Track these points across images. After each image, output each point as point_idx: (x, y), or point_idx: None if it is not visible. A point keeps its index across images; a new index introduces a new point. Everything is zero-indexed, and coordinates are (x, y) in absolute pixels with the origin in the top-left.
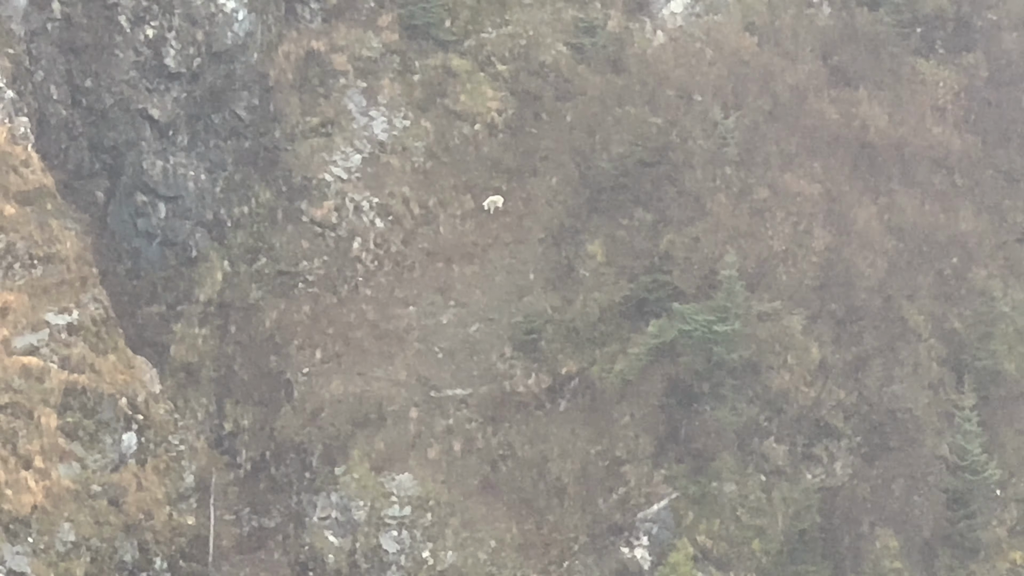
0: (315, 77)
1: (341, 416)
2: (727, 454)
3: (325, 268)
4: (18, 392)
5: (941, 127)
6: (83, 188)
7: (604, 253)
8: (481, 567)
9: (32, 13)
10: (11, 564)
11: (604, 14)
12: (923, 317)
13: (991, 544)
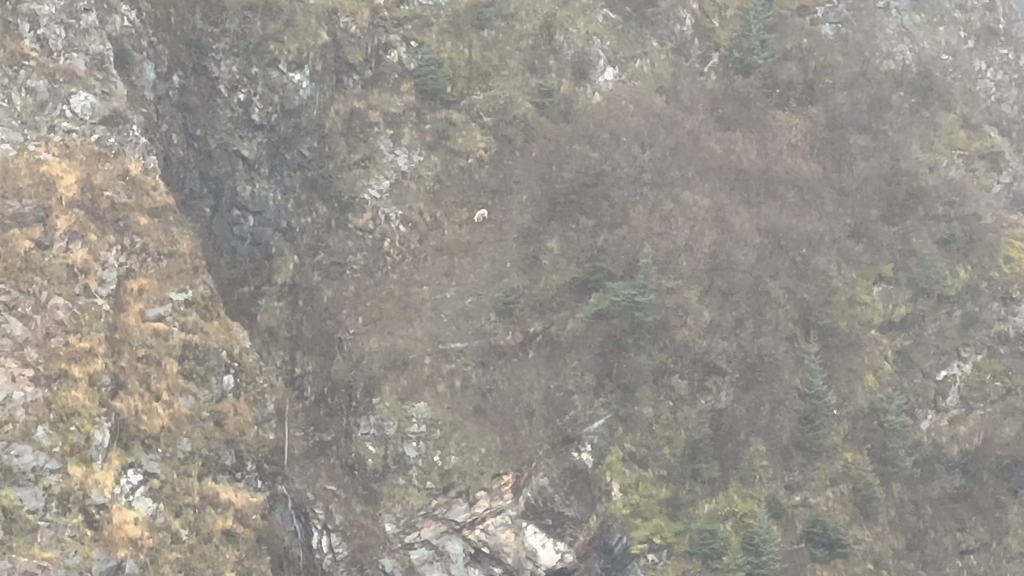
0: (356, 127)
1: (376, 363)
2: (645, 387)
3: (364, 260)
4: (150, 347)
5: (793, 158)
6: (195, 205)
7: (559, 248)
8: (475, 467)
9: (158, 83)
10: (147, 467)
11: (558, 81)
12: (782, 290)
13: (830, 448)
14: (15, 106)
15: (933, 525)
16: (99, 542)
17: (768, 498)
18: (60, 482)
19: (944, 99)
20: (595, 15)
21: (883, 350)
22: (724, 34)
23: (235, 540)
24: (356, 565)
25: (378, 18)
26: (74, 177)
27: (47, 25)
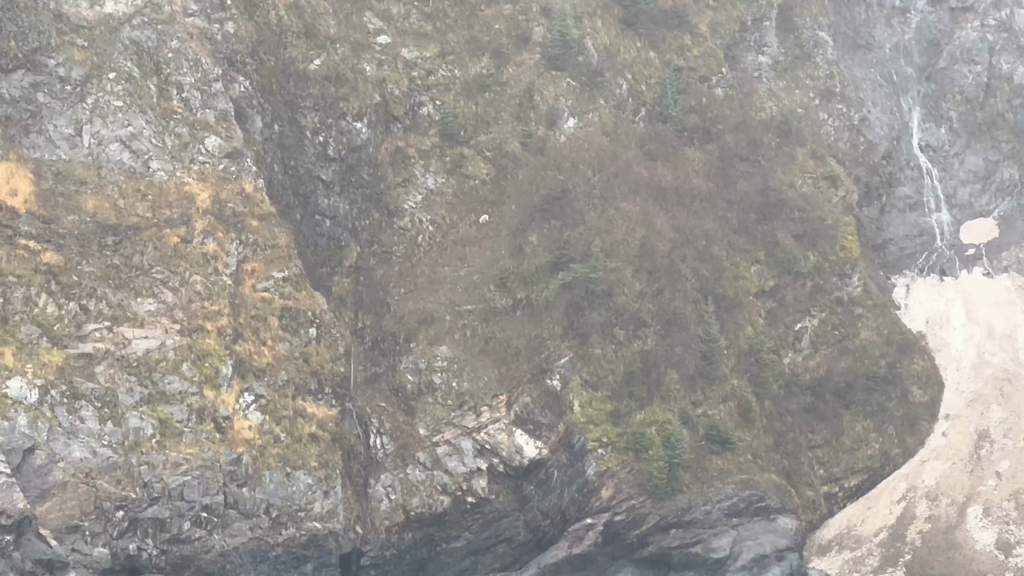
0: (399, 159)
1: (412, 320)
2: (596, 335)
3: (404, 250)
4: (259, 309)
5: (696, 179)
6: (289, 213)
7: (537, 240)
8: (480, 390)
9: (264, 129)
10: (257, 391)
11: (536, 127)
12: (689, 269)
13: (721, 376)
14: (167, 145)
15: (792, 429)
16: (224, 442)
17: (680, 411)
18: (198, 401)
19: (799, 139)
20: (561, 82)
21: (758, 310)
22: (649, 95)
23: (317, 440)
24: (399, 457)
25: (414, 85)
26: (207, 194)
27: (188, 90)
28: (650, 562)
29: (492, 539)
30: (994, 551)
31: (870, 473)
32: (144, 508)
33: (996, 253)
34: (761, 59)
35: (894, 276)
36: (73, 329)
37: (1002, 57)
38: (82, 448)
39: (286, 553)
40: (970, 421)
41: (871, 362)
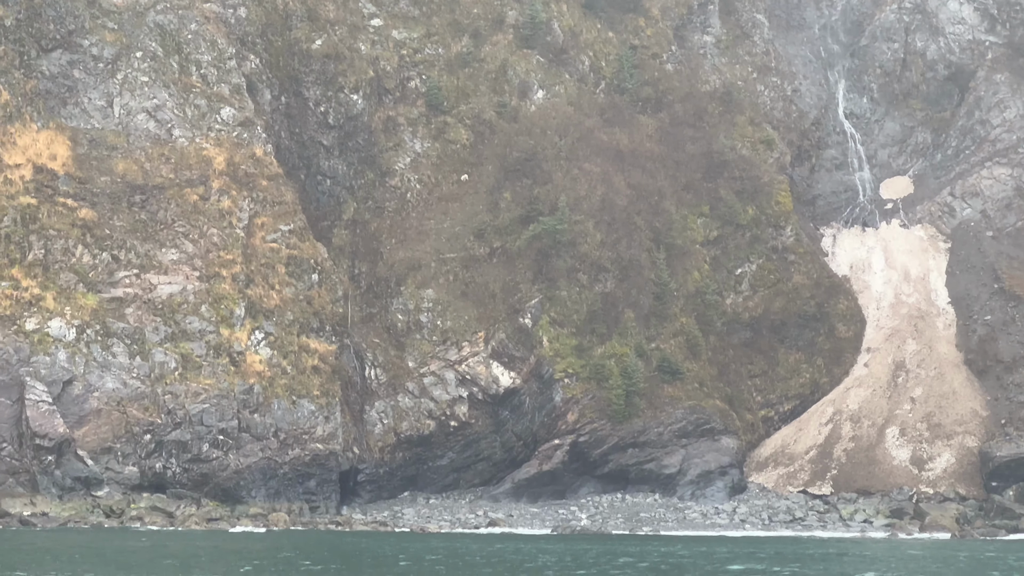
0: (390, 126)
1: (402, 266)
2: (562, 279)
3: (395, 205)
4: (268, 258)
5: (650, 143)
6: (295, 174)
7: (511, 197)
8: (462, 327)
9: (272, 101)
10: (266, 329)
11: (510, 99)
12: (643, 221)
13: (672, 315)
14: (187, 115)
15: (734, 361)
16: (238, 374)
17: (635, 345)
18: (215, 338)
19: (739, 108)
20: (531, 59)
21: (703, 257)
22: (608, 70)
23: (319, 372)
24: (391, 386)
25: (403, 62)
26: (223, 157)
27: (205, 67)
28: (610, 478)
29: (472, 458)
30: (909, 466)
31: (802, 399)
32: (168, 432)
33: (911, 207)
34: (706, 38)
35: (822, 227)
36: (106, 276)
37: (916, 36)
38: (114, 380)
39: (292, 471)
40: (888, 353)
41: (802, 302)
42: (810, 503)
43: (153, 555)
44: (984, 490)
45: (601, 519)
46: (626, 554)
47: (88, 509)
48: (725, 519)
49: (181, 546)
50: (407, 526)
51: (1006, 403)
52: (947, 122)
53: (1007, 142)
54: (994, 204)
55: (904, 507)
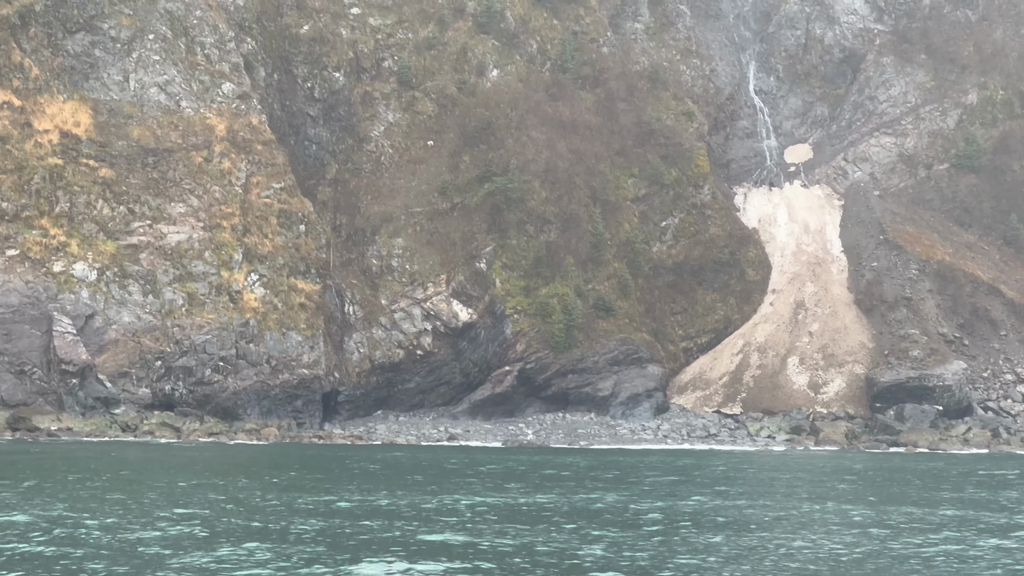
0: (367, 99)
1: (377, 218)
2: (513, 230)
3: (371, 167)
4: (262, 211)
5: (588, 114)
6: (285, 140)
7: (470, 160)
8: (427, 271)
9: (266, 77)
10: (260, 272)
11: (468, 76)
12: (582, 181)
13: (606, 261)
14: (193, 89)
15: (659, 299)
16: (236, 310)
17: (575, 286)
18: (216, 280)
19: (664, 85)
20: (487, 43)
21: (633, 211)
22: (553, 52)
23: (305, 308)
24: (367, 321)
25: (378, 45)
26: (224, 125)
27: (209, 48)
28: (552, 399)
29: (435, 382)
30: (806, 390)
31: (716, 333)
32: (176, 359)
33: (811, 170)
34: (636, 25)
35: (735, 187)
36: (123, 226)
37: (816, 24)
38: (130, 314)
39: (282, 392)
40: (790, 294)
41: (717, 250)
42: (723, 421)
43: (164, 463)
44: (869, 410)
45: (544, 434)
46: (550, 464)
47: (107, 425)
48: (650, 435)
49: (186, 456)
50: (379, 439)
51: (888, 336)
52: (841, 98)
53: (892, 115)
54: (880, 168)
55: (802, 424)
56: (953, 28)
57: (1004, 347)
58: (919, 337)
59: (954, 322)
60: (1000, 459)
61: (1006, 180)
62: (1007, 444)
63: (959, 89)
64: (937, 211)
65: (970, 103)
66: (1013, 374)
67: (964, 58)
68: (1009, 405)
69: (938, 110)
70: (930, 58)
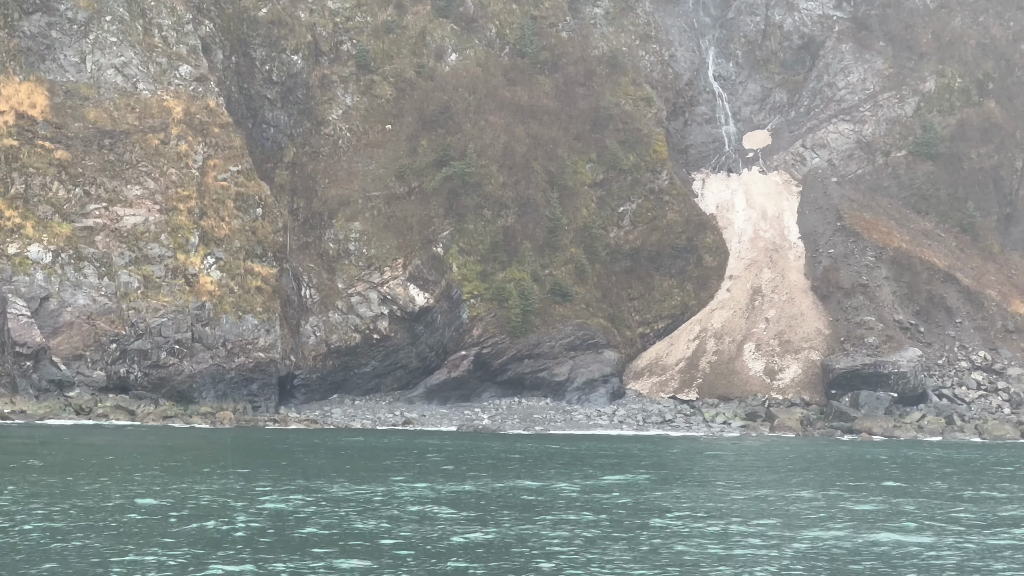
0: (326, 83)
1: (334, 202)
2: (470, 214)
3: (329, 150)
4: (219, 194)
5: (547, 99)
6: (243, 123)
7: (427, 143)
8: (384, 255)
9: (224, 60)
10: (217, 255)
11: (427, 60)
12: (539, 166)
13: (564, 246)
14: (150, 71)
15: (616, 285)
16: (192, 293)
17: (532, 271)
18: (172, 262)
19: (623, 70)
20: (446, 27)
21: (591, 196)
22: (512, 36)
23: (262, 292)
24: (323, 304)
25: (337, 28)
26: (181, 108)
27: (167, 30)
28: (508, 384)
29: (392, 366)
30: (762, 376)
31: (673, 318)
32: (131, 342)
33: (769, 156)
34: (596, 10)
35: (693, 172)
36: (78, 208)
37: (775, 10)
38: (85, 297)
39: (238, 376)
40: (747, 280)
41: (675, 236)
42: (678, 407)
43: (116, 448)
44: (825, 397)
45: (500, 419)
46: (488, 451)
47: (61, 407)
48: (606, 420)
49: (132, 440)
50: (334, 424)
51: (845, 323)
52: (800, 84)
53: (850, 102)
54: (838, 154)
55: (757, 411)
56: (912, 16)
57: (959, 334)
58: (875, 324)
59: (910, 309)
60: (949, 446)
61: (963, 168)
62: (961, 431)
63: (917, 76)
64: (894, 198)
65: (928, 91)
66: (968, 361)
67: (922, 46)
68: (964, 392)
69: (896, 97)
70: (888, 45)
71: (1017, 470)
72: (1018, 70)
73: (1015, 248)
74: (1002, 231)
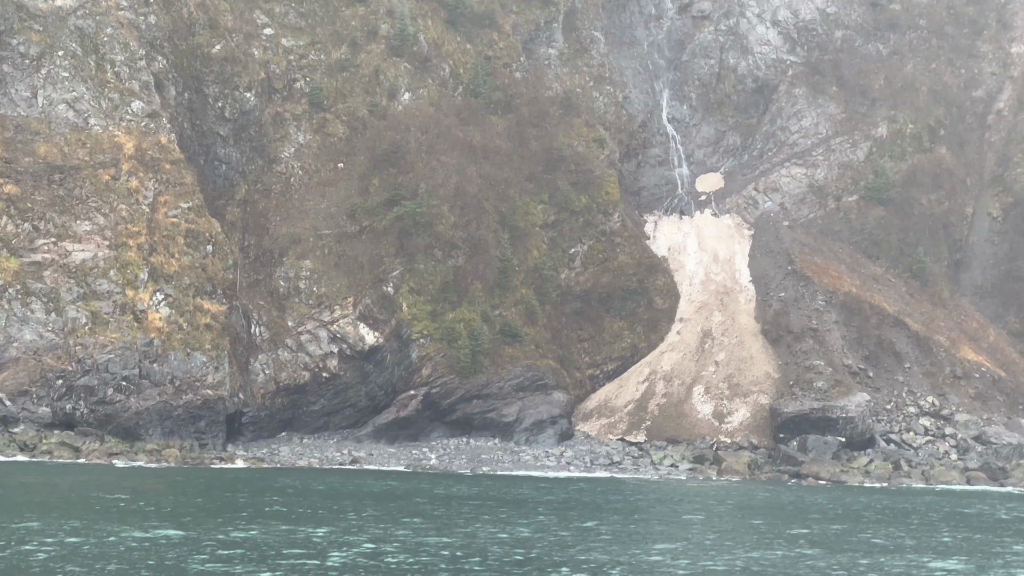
0: (278, 120)
1: (285, 240)
2: (421, 254)
3: (281, 188)
4: (169, 231)
5: (499, 139)
6: (195, 160)
7: (379, 183)
8: (334, 293)
9: (177, 96)
10: (166, 291)
11: (380, 99)
12: (491, 206)
13: (514, 287)
14: (102, 107)
15: (566, 326)
16: (140, 329)
17: (482, 312)
18: (121, 298)
19: (576, 111)
20: (400, 66)
21: (542, 238)
22: (465, 76)
23: (211, 328)
24: (273, 342)
25: (290, 65)
26: (132, 144)
27: (119, 66)
28: (457, 424)
29: (341, 404)
30: (711, 419)
31: (623, 360)
32: (78, 378)
33: (721, 199)
34: (550, 51)
35: (646, 214)
36: (27, 243)
37: (730, 54)
38: (32, 332)
39: (185, 413)
40: (698, 323)
41: (626, 278)
42: (626, 449)
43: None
44: (773, 440)
45: (448, 459)
46: (421, 492)
47: (5, 444)
48: (553, 462)
49: (64, 479)
50: (281, 462)
51: (794, 367)
52: (753, 128)
53: (803, 146)
54: (790, 198)
55: (705, 454)
56: (865, 61)
57: (908, 380)
58: (824, 368)
59: (859, 354)
60: (891, 493)
61: (914, 213)
62: (908, 477)
63: (869, 122)
64: (845, 242)
65: (880, 136)
66: (916, 407)
67: (875, 91)
68: (911, 438)
69: (848, 142)
70: (841, 90)
71: (937, 518)
72: (969, 117)
73: (964, 294)
74: (952, 277)
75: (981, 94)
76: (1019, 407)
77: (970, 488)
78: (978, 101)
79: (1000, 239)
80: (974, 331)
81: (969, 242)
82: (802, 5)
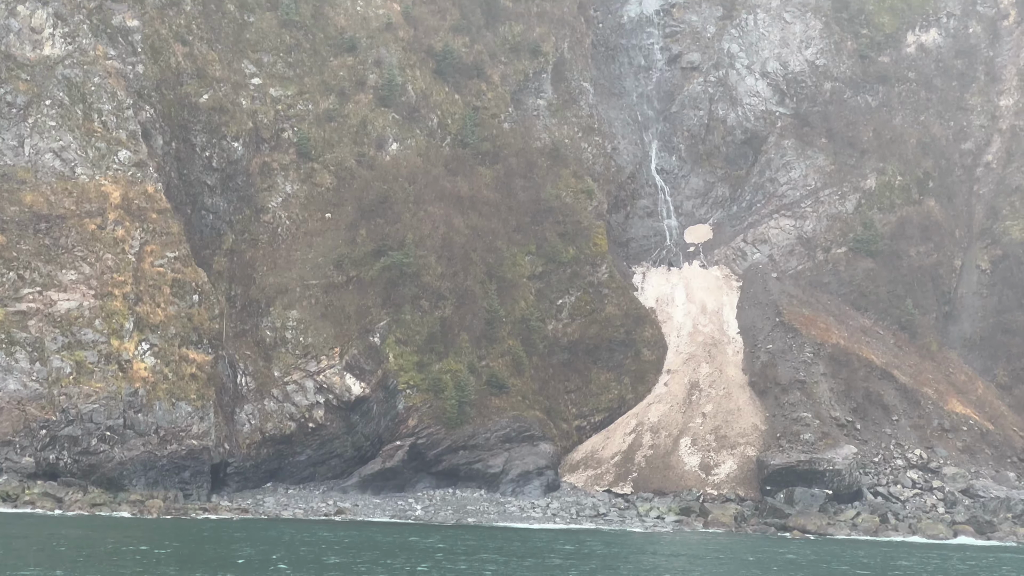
0: (266, 170)
1: (272, 290)
2: (407, 305)
3: (268, 238)
4: (155, 280)
5: (486, 190)
6: (182, 209)
7: (367, 233)
8: (321, 343)
9: (164, 146)
10: (152, 341)
11: (368, 149)
12: (478, 257)
13: (501, 338)
14: (89, 156)
15: (553, 378)
16: (125, 379)
17: (468, 363)
18: (106, 348)
19: (564, 162)
20: (388, 116)
21: (529, 289)
22: (453, 127)
23: (196, 378)
24: (259, 392)
25: (278, 115)
26: (119, 193)
27: (106, 115)
28: (443, 475)
29: (327, 455)
30: (698, 471)
31: (610, 412)
32: (62, 428)
33: (710, 250)
34: (539, 102)
35: (634, 266)
36: (12, 292)
37: (719, 105)
38: (16, 382)
39: (170, 463)
40: (685, 375)
41: (613, 329)
42: (613, 500)
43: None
44: (760, 493)
45: (433, 510)
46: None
47: None
48: (539, 513)
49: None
50: (266, 513)
51: (782, 419)
52: (742, 179)
53: (792, 198)
54: (779, 250)
55: (692, 506)
56: (853, 113)
57: (896, 432)
58: (811, 420)
59: (847, 406)
60: (875, 546)
61: (903, 265)
62: (895, 530)
63: (858, 174)
64: (834, 294)
65: (869, 188)
66: (903, 459)
67: (864, 143)
68: (899, 491)
69: (837, 194)
70: (830, 142)
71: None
72: (958, 169)
73: (953, 347)
74: (940, 329)
75: (970, 146)
76: (1007, 460)
77: (955, 542)
78: (967, 153)
79: (989, 292)
80: (962, 384)
81: (958, 294)
82: (791, 57)
